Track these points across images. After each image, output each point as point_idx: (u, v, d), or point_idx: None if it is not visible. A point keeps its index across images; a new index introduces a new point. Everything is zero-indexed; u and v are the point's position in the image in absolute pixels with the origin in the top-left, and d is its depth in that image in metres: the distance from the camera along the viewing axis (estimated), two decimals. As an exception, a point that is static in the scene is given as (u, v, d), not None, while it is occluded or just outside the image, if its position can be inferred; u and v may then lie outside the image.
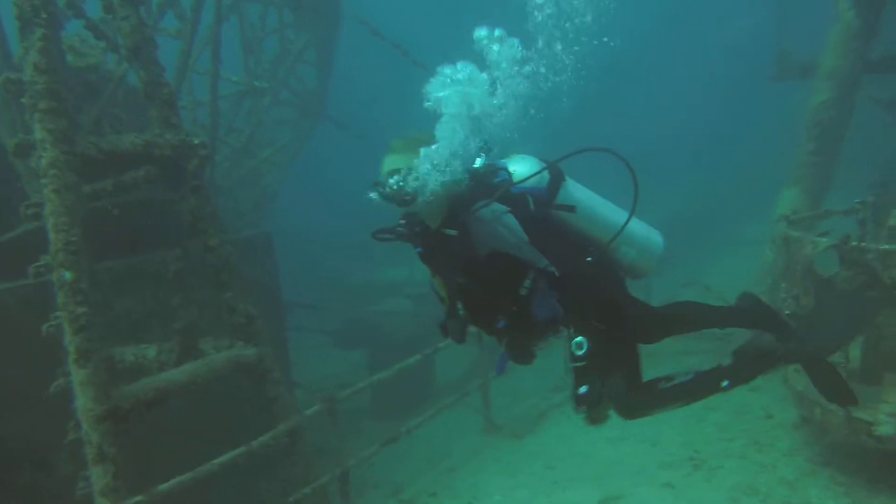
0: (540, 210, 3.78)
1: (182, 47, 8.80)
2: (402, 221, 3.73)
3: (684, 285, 12.92)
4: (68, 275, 5.20)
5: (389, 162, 3.65)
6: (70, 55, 8.29)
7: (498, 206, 3.57)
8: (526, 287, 3.58)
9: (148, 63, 6.12)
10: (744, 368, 4.23)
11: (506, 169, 3.84)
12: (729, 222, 21.36)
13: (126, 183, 6.99)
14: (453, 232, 3.65)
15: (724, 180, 25.35)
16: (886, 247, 6.09)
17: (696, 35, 37.35)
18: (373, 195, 3.61)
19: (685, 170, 28.76)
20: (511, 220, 3.56)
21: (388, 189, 3.57)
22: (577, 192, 3.95)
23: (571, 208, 3.87)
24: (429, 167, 3.55)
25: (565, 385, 10.50)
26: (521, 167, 3.87)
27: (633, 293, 4.16)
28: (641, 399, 4.06)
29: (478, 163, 3.82)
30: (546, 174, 3.83)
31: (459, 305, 3.78)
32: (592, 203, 3.96)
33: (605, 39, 3.73)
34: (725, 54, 32.84)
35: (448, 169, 3.57)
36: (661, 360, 6.05)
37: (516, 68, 3.56)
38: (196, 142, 6.28)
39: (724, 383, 4.12)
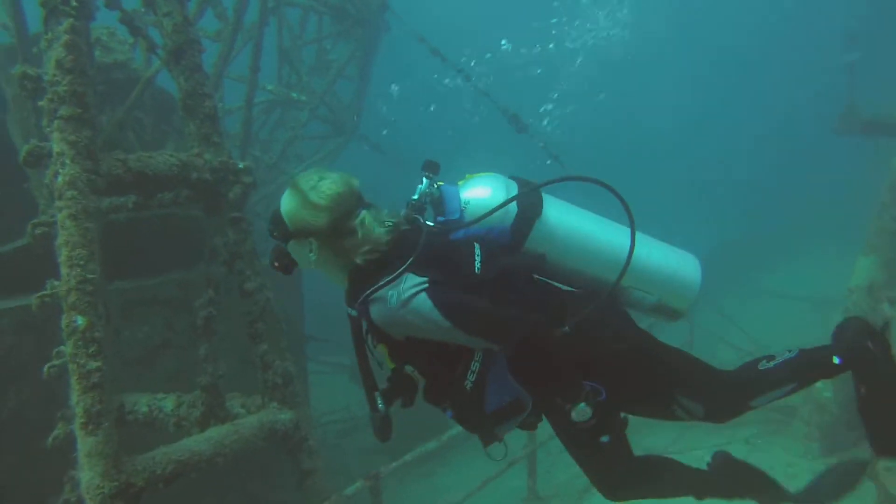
0: (494, 267, 2.81)
1: (221, 51, 7.92)
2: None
3: (742, 353, 11.83)
4: (81, 321, 4.27)
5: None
6: (96, 50, 7.40)
7: (409, 282, 2.61)
8: (470, 379, 2.71)
9: (191, 70, 5.21)
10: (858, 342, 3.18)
11: (456, 199, 2.96)
12: (763, 269, 20.50)
13: (150, 204, 6.10)
14: (353, 312, 2.79)
15: (767, 226, 24.53)
16: None
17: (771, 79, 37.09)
18: None
19: (731, 209, 28.08)
20: (422, 305, 2.59)
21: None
22: (561, 222, 3.01)
23: (540, 257, 2.96)
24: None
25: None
26: (480, 194, 2.98)
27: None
28: (737, 394, 3.12)
29: (417, 192, 2.98)
30: (514, 207, 2.93)
31: (377, 396, 2.88)
32: (587, 234, 3.06)
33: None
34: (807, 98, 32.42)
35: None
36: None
37: None
38: (241, 166, 5.35)
39: (837, 360, 3.14)
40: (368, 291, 2.63)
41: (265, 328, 5.45)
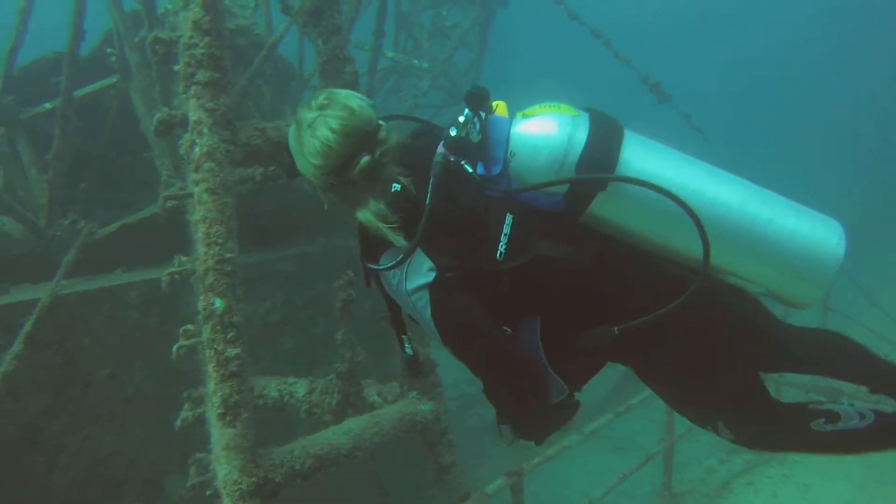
0: (523, 253, 2.24)
1: (347, 14, 7.54)
2: None
3: (884, 343, 10.81)
4: (219, 303, 3.96)
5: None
6: (220, 15, 7.14)
7: (413, 265, 2.19)
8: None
9: (330, 32, 4.81)
10: None
11: (501, 145, 2.32)
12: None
13: (277, 173, 5.80)
14: (366, 265, 2.37)
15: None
16: None
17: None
18: None
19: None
20: (422, 308, 2.21)
21: None
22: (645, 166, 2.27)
23: (594, 245, 2.35)
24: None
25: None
26: (533, 142, 2.27)
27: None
28: (778, 435, 2.54)
29: (455, 126, 2.31)
30: (569, 168, 2.26)
31: (405, 339, 2.54)
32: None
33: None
34: None
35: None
36: None
37: None
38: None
39: None
40: (373, 267, 2.29)
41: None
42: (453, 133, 2.29)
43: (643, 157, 2.29)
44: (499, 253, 2.22)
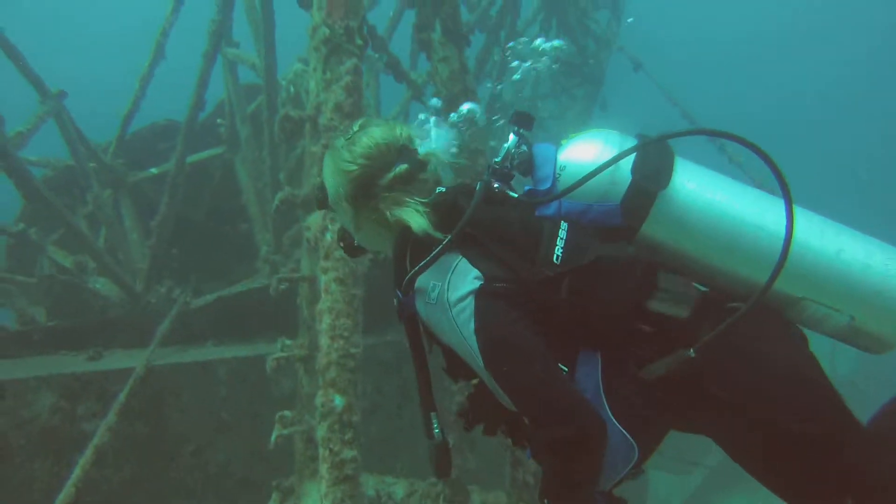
0: (583, 256, 1.97)
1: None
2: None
3: None
4: (339, 401, 3.75)
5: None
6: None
7: (458, 273, 1.94)
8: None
9: (466, 122, 4.69)
10: None
11: (549, 162, 2.13)
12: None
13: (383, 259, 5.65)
14: (399, 294, 2.09)
15: None
16: None
17: None
18: None
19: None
20: (464, 323, 1.90)
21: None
22: (697, 195, 2.07)
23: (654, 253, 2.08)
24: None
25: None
26: (582, 155, 2.11)
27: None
28: None
29: (501, 152, 2.16)
30: (626, 174, 2.06)
31: (433, 417, 2.12)
32: (735, 216, 2.06)
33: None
34: None
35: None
36: None
37: None
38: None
39: None
40: (409, 274, 2.01)
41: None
42: (498, 159, 2.17)
43: (692, 174, 2.13)
44: (556, 256, 1.98)
